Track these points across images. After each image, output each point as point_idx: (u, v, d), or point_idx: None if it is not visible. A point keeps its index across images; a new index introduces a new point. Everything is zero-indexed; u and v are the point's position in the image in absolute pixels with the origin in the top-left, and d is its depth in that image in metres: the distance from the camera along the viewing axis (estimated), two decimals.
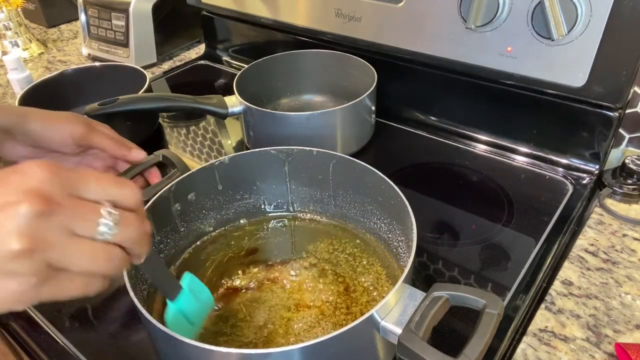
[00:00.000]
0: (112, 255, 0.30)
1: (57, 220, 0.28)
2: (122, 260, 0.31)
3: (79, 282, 0.30)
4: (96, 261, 0.29)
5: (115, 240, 0.30)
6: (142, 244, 0.33)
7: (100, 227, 0.29)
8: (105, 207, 0.30)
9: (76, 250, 0.28)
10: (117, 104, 0.71)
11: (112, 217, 0.30)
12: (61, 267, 0.28)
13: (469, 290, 0.41)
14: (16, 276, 0.27)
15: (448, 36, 0.70)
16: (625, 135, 0.71)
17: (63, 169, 0.29)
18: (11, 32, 1.14)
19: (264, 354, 0.37)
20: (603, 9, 0.58)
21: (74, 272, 0.29)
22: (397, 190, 0.51)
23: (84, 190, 0.30)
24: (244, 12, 0.95)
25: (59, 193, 0.28)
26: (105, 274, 0.31)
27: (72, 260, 0.29)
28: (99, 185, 0.30)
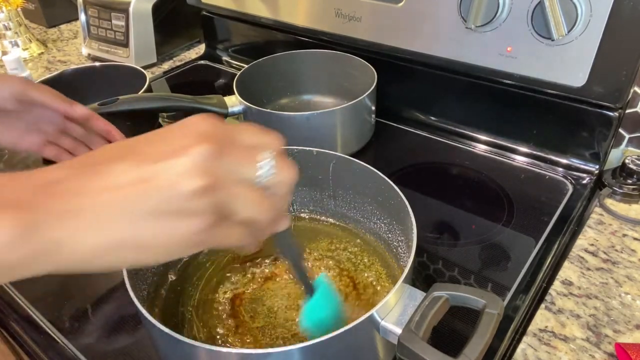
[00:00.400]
0: (270, 202, 0.31)
1: (227, 161, 0.29)
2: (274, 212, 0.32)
3: (239, 230, 0.31)
4: (257, 206, 0.30)
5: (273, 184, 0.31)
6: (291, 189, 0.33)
7: (261, 168, 0.30)
8: (263, 153, 0.31)
9: (242, 192, 0.29)
10: (117, 104, 0.71)
11: (269, 161, 0.31)
12: (229, 209, 0.29)
13: (469, 290, 0.41)
14: (196, 215, 0.28)
15: (448, 36, 0.70)
16: (625, 135, 0.71)
17: (223, 121, 0.30)
18: (11, 32, 1.14)
19: (263, 354, 0.37)
20: (603, 9, 0.58)
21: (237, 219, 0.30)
22: (397, 190, 0.51)
23: (240, 137, 0.31)
24: (244, 12, 0.95)
25: (224, 137, 0.29)
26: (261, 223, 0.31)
27: (239, 202, 0.29)
28: (254, 132, 0.32)
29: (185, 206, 0.27)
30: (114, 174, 0.27)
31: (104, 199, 0.26)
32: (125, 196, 0.26)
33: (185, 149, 0.27)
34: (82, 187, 0.27)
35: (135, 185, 0.27)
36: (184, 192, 0.27)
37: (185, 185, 0.27)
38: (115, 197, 0.26)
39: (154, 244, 0.28)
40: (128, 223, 0.27)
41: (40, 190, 0.26)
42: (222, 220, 0.29)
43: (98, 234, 0.26)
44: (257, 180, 0.30)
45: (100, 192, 0.26)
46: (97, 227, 0.26)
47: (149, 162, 0.27)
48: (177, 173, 0.27)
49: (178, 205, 0.27)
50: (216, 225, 0.29)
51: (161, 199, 0.27)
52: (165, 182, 0.27)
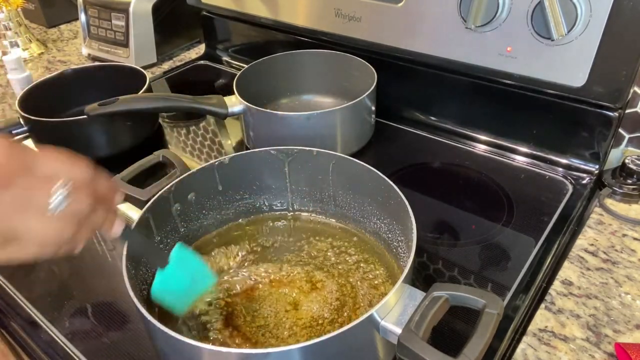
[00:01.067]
0: (60, 228, 0.32)
1: (10, 193, 0.30)
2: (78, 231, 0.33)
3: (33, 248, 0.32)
4: (45, 232, 0.32)
5: (68, 213, 0.32)
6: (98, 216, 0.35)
7: (52, 199, 0.31)
8: (56, 183, 0.32)
9: (26, 221, 0.31)
10: (117, 104, 0.71)
11: (62, 190, 0.32)
12: (15, 234, 0.31)
13: (469, 290, 0.41)
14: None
15: (448, 36, 0.70)
16: (625, 135, 0.71)
17: (19, 146, 0.32)
18: (11, 32, 1.14)
19: (263, 354, 0.37)
20: (603, 9, 0.58)
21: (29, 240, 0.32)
22: (397, 190, 0.51)
23: (38, 165, 0.32)
24: (244, 12, 0.95)
25: (13, 170, 0.30)
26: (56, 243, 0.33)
27: (22, 230, 0.31)
28: (52, 161, 0.33)
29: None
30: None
31: None
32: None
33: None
34: None
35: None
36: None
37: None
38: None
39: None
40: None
41: None
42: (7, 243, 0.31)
43: None
44: (50, 207, 0.32)
45: None
46: None
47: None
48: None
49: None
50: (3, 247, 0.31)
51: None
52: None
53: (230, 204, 0.61)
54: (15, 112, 0.77)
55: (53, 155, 0.33)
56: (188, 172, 0.56)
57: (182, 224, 0.57)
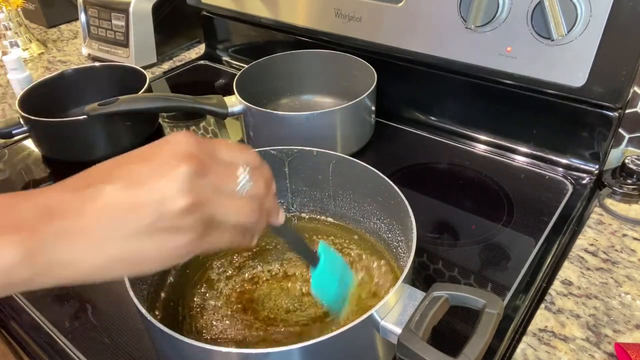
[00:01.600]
0: (252, 208, 0.34)
1: (209, 178, 0.31)
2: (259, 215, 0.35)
3: (230, 234, 0.33)
4: (240, 213, 0.33)
5: (252, 195, 0.34)
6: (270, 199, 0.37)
7: (240, 181, 0.33)
8: (238, 168, 0.34)
9: (225, 204, 0.32)
10: (117, 104, 0.71)
11: (246, 173, 0.34)
12: (216, 220, 0.32)
13: (469, 290, 0.41)
14: (185, 230, 0.30)
15: (448, 36, 0.70)
16: (625, 135, 0.71)
17: (202, 138, 0.33)
18: (11, 32, 1.14)
19: (263, 354, 0.37)
20: (603, 9, 0.58)
21: (226, 225, 0.32)
22: (397, 190, 0.51)
23: (219, 153, 0.33)
24: (244, 12, 0.95)
25: (206, 156, 0.32)
26: (249, 225, 0.34)
27: (225, 213, 0.32)
28: (230, 149, 0.34)
29: (174, 223, 0.29)
30: (106, 196, 0.28)
31: (99, 220, 0.28)
32: (118, 217, 0.28)
33: (171, 170, 0.29)
34: (78, 209, 0.28)
35: (126, 207, 0.28)
36: (172, 211, 0.29)
37: (173, 204, 0.29)
38: (109, 218, 0.28)
39: (148, 258, 0.30)
40: (122, 242, 0.29)
41: (40, 213, 0.28)
42: (210, 229, 0.31)
43: (96, 253, 0.29)
44: (238, 189, 0.33)
45: (95, 214, 0.28)
46: (94, 247, 0.28)
47: (137, 184, 0.29)
48: (164, 194, 0.29)
49: (167, 223, 0.29)
50: (205, 235, 0.31)
51: (151, 219, 0.29)
52: (153, 203, 0.29)
53: None
54: (15, 112, 0.77)
55: (227, 142, 0.35)
56: None
57: None
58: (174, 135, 0.32)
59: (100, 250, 0.28)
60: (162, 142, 0.32)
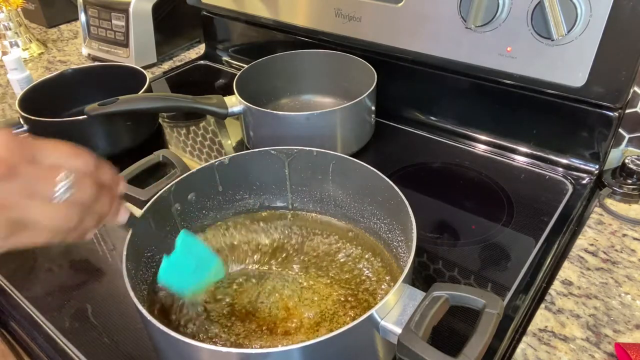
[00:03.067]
0: (67, 214, 0.34)
1: (17, 183, 0.31)
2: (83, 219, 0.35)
3: (45, 235, 0.34)
4: (52, 219, 0.33)
5: (73, 201, 0.34)
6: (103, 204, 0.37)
7: (57, 188, 0.33)
8: (60, 172, 0.33)
9: (34, 209, 0.32)
10: (117, 104, 0.71)
11: (67, 180, 0.33)
12: (25, 222, 0.32)
13: (469, 290, 0.41)
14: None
15: (448, 36, 0.70)
16: (625, 135, 0.71)
17: (23, 138, 0.33)
18: (11, 32, 1.14)
19: (263, 354, 0.37)
20: (603, 9, 0.58)
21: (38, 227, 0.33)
22: (397, 190, 0.51)
23: (42, 156, 0.33)
24: (244, 12, 0.95)
25: (18, 159, 0.31)
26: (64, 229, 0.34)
27: (31, 218, 0.32)
28: (56, 152, 0.34)
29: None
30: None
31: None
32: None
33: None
34: None
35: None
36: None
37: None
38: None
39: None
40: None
41: None
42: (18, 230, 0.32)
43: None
44: (55, 196, 0.33)
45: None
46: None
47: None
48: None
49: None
50: (11, 235, 0.32)
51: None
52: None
53: (230, 204, 0.61)
54: (15, 112, 0.77)
55: (56, 145, 0.34)
56: (188, 172, 0.56)
57: (182, 224, 0.57)
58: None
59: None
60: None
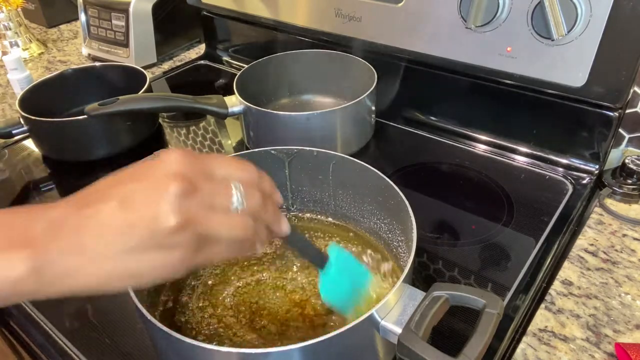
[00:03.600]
0: (246, 224, 0.34)
1: (199, 197, 0.32)
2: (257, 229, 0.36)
3: (226, 248, 0.34)
4: (234, 229, 0.34)
5: (247, 210, 0.35)
6: (269, 212, 0.37)
7: (233, 199, 0.34)
8: (233, 183, 0.34)
9: (217, 221, 0.33)
10: (117, 104, 0.71)
11: (239, 191, 0.34)
12: (209, 236, 0.33)
13: (469, 290, 0.41)
14: (177, 247, 0.31)
15: (448, 36, 0.70)
16: (625, 135, 0.71)
17: (195, 154, 0.34)
18: (11, 32, 1.14)
19: (263, 354, 0.37)
20: (603, 9, 0.58)
21: (220, 240, 0.33)
22: (397, 190, 0.51)
23: (213, 171, 0.34)
24: (244, 12, 0.95)
25: (196, 174, 0.32)
26: (243, 239, 0.35)
27: (216, 230, 0.33)
28: (224, 166, 0.35)
29: (166, 241, 0.31)
30: (102, 215, 0.31)
31: (96, 238, 0.30)
32: (113, 236, 0.30)
33: (161, 190, 0.31)
34: (78, 227, 0.31)
35: (119, 227, 0.30)
36: (163, 230, 0.30)
37: (163, 224, 0.30)
38: (105, 237, 0.30)
39: (144, 273, 0.32)
40: (118, 258, 0.31)
41: (46, 230, 0.30)
42: (204, 245, 0.33)
43: (95, 268, 0.31)
44: (233, 207, 0.34)
45: (93, 232, 0.30)
46: (93, 263, 0.30)
47: (130, 204, 0.31)
48: (155, 214, 0.30)
49: (159, 241, 0.31)
50: (198, 250, 0.32)
51: (143, 237, 0.30)
52: (145, 223, 0.30)
53: None
54: (15, 112, 0.77)
55: (223, 159, 0.36)
56: None
57: None
58: (167, 153, 0.33)
59: (98, 266, 0.30)
60: (155, 160, 0.33)
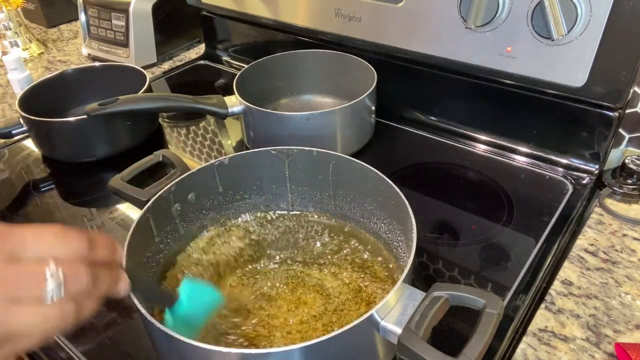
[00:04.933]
0: (64, 312, 0.29)
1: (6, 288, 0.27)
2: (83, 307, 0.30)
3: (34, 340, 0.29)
4: (48, 322, 0.28)
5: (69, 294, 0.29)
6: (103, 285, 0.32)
7: (47, 291, 0.28)
8: (48, 268, 0.28)
9: (23, 316, 0.27)
10: (117, 104, 0.71)
11: (55, 276, 0.28)
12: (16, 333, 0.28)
13: (469, 290, 0.41)
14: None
15: (448, 36, 0.70)
16: (625, 135, 0.71)
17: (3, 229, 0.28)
18: (11, 32, 1.14)
19: (263, 354, 0.37)
20: (603, 9, 0.58)
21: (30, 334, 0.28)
22: (397, 190, 0.51)
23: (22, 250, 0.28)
24: (244, 12, 0.95)
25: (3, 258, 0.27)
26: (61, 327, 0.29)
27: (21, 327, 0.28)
28: (38, 241, 0.28)
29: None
30: None
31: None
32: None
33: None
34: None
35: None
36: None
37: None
38: None
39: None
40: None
41: None
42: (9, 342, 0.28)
43: None
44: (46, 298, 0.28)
45: None
46: None
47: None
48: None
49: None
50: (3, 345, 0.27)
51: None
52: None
53: (230, 204, 0.61)
54: (15, 112, 0.77)
55: (37, 232, 0.29)
56: (188, 172, 0.56)
57: (182, 224, 0.57)
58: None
59: None
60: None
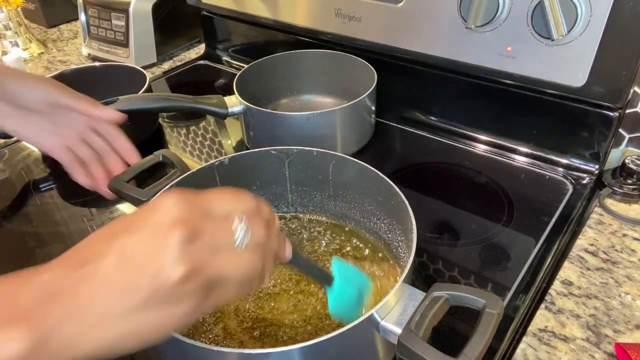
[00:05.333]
0: (253, 259, 0.33)
1: (203, 240, 0.30)
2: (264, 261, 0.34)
3: (236, 288, 0.33)
4: (242, 267, 0.32)
5: (252, 244, 0.33)
6: (274, 240, 0.36)
7: (237, 236, 0.32)
8: (233, 220, 0.32)
9: (224, 262, 0.31)
10: (117, 104, 0.71)
11: (242, 225, 0.32)
12: (218, 279, 0.31)
13: (469, 290, 0.41)
14: (185, 298, 0.30)
15: (448, 36, 0.70)
16: (625, 135, 0.71)
17: (192, 196, 0.32)
18: (11, 32, 1.14)
19: (263, 354, 0.37)
20: (603, 9, 0.58)
21: (229, 281, 0.32)
22: (397, 190, 0.51)
23: (212, 208, 0.32)
24: (244, 12, 0.95)
25: (196, 217, 0.31)
26: (253, 275, 0.33)
27: (224, 272, 0.31)
28: (223, 201, 0.33)
29: (173, 294, 0.29)
30: (100, 275, 0.28)
31: (95, 300, 0.28)
32: (114, 296, 0.28)
33: (162, 241, 0.29)
34: (75, 290, 0.28)
35: (120, 285, 0.28)
36: (167, 284, 0.28)
37: (168, 277, 0.28)
38: (105, 298, 0.28)
39: (151, 331, 0.30)
40: (121, 319, 0.28)
41: (40, 298, 0.28)
42: (213, 290, 0.31)
43: (97, 332, 0.28)
44: (237, 245, 0.32)
45: (92, 294, 0.28)
46: (95, 327, 0.28)
47: (129, 259, 0.29)
48: (157, 267, 0.28)
49: (165, 295, 0.29)
50: (207, 297, 0.31)
51: (147, 294, 0.28)
52: (148, 278, 0.28)
53: None
54: None
55: (219, 194, 0.34)
56: (188, 172, 0.56)
57: None
58: (161, 199, 0.31)
59: (101, 329, 0.28)
60: (151, 208, 0.31)
